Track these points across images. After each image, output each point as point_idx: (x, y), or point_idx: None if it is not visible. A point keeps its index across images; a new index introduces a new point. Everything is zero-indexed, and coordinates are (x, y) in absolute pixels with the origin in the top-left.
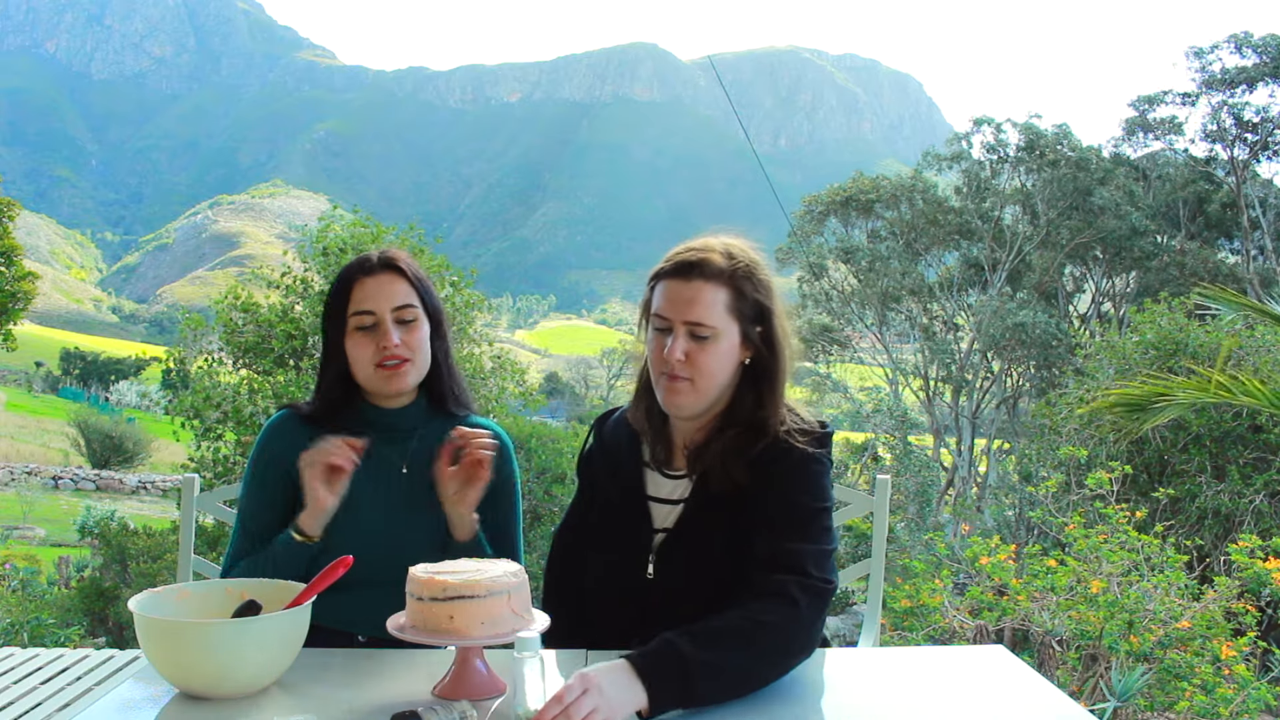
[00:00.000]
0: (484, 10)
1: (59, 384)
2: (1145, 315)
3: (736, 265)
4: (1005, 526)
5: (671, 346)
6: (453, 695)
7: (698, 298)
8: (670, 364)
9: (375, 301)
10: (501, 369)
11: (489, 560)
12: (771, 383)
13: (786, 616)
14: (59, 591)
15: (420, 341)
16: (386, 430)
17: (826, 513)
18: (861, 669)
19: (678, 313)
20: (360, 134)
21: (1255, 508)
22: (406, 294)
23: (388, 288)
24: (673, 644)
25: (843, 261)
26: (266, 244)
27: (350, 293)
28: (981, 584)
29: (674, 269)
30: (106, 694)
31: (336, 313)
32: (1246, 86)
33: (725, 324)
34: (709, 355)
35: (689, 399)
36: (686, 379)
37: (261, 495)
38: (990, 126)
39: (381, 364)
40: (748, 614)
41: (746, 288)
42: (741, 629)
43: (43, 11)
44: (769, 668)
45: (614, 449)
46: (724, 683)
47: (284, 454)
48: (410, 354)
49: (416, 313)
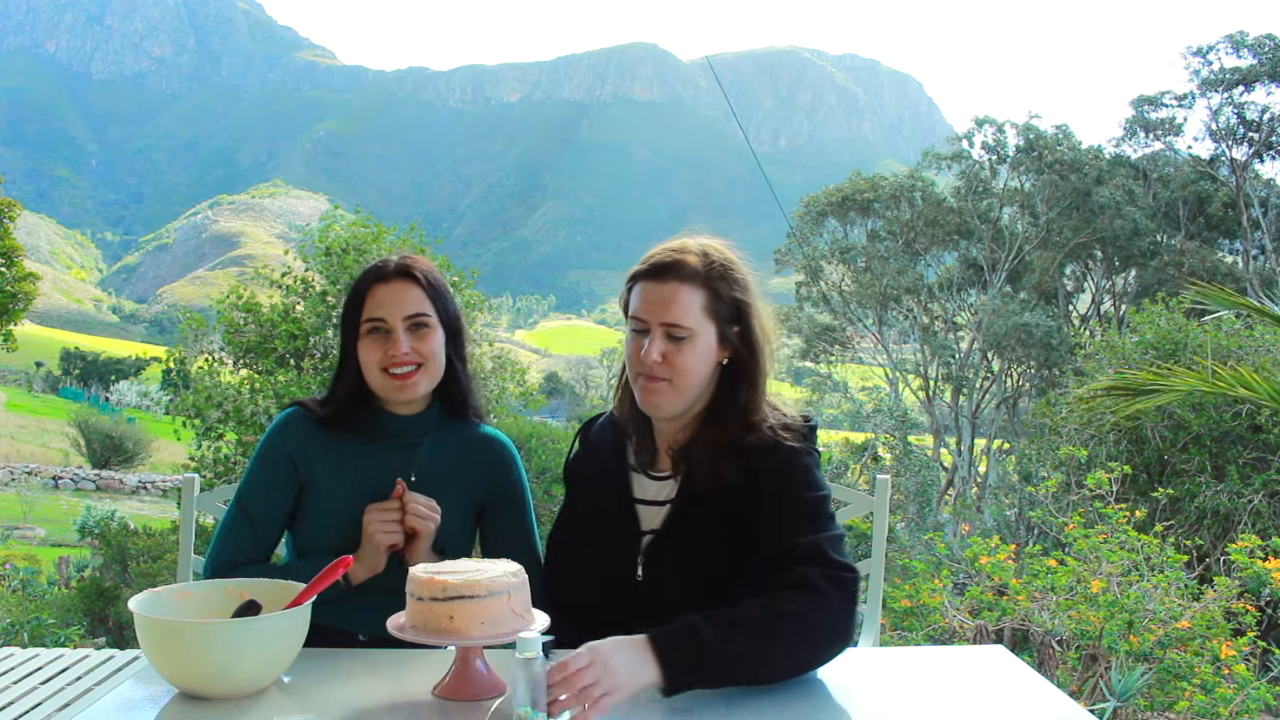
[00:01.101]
0: (484, 10)
1: (59, 384)
2: (1144, 315)
3: (712, 266)
4: (1005, 526)
5: (648, 348)
6: (453, 695)
7: (673, 299)
8: (648, 365)
9: (388, 309)
10: (502, 369)
11: (489, 560)
12: (752, 381)
13: (814, 606)
14: (59, 591)
15: (432, 349)
16: (397, 436)
17: (827, 501)
18: (861, 669)
19: (654, 314)
20: (360, 134)
21: (1254, 508)
22: (419, 302)
23: (401, 295)
24: (693, 626)
25: (840, 261)
26: (266, 244)
27: (365, 299)
28: (981, 584)
29: (649, 270)
30: (106, 694)
31: (351, 319)
32: (1244, 87)
33: (702, 325)
34: (686, 356)
35: (667, 399)
36: (664, 380)
37: (266, 481)
38: (991, 126)
39: (390, 370)
40: (770, 602)
41: (722, 288)
42: (763, 616)
43: (43, 11)
44: (794, 656)
45: (599, 453)
46: (741, 668)
47: (292, 451)
48: (421, 360)
49: (429, 320)
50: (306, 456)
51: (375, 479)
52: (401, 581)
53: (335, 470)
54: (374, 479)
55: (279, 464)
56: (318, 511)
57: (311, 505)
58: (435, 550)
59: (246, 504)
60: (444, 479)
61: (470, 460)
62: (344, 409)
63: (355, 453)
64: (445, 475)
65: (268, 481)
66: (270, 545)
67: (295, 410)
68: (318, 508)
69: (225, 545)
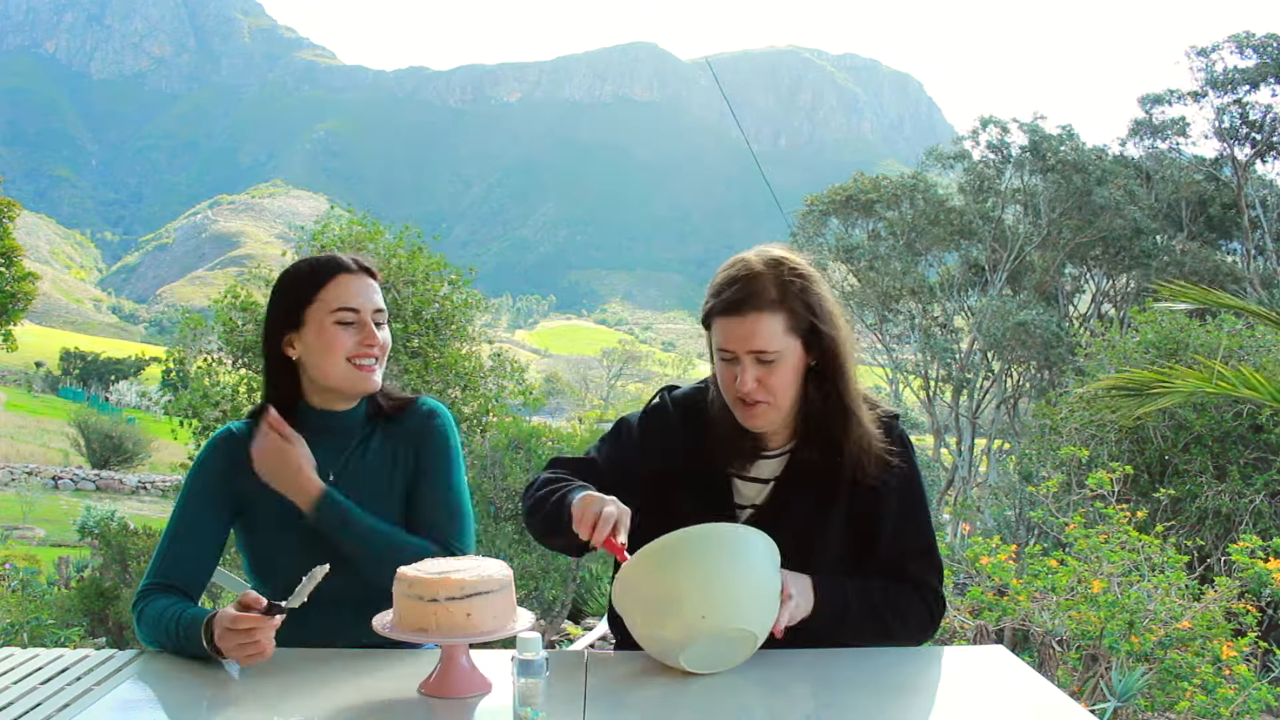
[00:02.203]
0: (484, 10)
1: (59, 384)
2: (1146, 315)
3: (784, 285)
4: (1005, 526)
5: (742, 378)
6: (440, 693)
7: (756, 330)
8: (745, 392)
9: (359, 300)
10: (501, 368)
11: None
12: (843, 374)
13: (916, 627)
14: (59, 591)
15: (388, 346)
16: (322, 433)
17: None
18: (862, 668)
19: (741, 346)
20: (360, 134)
21: (1256, 508)
22: (381, 298)
23: (368, 288)
24: (844, 589)
25: (843, 261)
26: (266, 244)
27: (325, 287)
28: (982, 584)
29: (725, 307)
30: (106, 694)
31: (300, 308)
32: (1249, 86)
33: (787, 344)
34: (778, 376)
35: (769, 417)
36: (763, 401)
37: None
38: (996, 126)
39: (355, 359)
40: (894, 597)
41: (798, 305)
42: (883, 606)
43: (43, 11)
44: (880, 642)
45: (692, 420)
46: (848, 633)
47: (224, 469)
48: (383, 353)
49: (385, 318)
50: (241, 472)
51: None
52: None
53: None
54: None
55: (210, 484)
56: (260, 522)
57: (254, 520)
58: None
59: (180, 527)
60: (373, 477)
61: (393, 453)
62: (286, 408)
63: None
64: (375, 473)
65: (200, 503)
66: (205, 567)
67: (225, 430)
68: (260, 519)
69: (159, 567)
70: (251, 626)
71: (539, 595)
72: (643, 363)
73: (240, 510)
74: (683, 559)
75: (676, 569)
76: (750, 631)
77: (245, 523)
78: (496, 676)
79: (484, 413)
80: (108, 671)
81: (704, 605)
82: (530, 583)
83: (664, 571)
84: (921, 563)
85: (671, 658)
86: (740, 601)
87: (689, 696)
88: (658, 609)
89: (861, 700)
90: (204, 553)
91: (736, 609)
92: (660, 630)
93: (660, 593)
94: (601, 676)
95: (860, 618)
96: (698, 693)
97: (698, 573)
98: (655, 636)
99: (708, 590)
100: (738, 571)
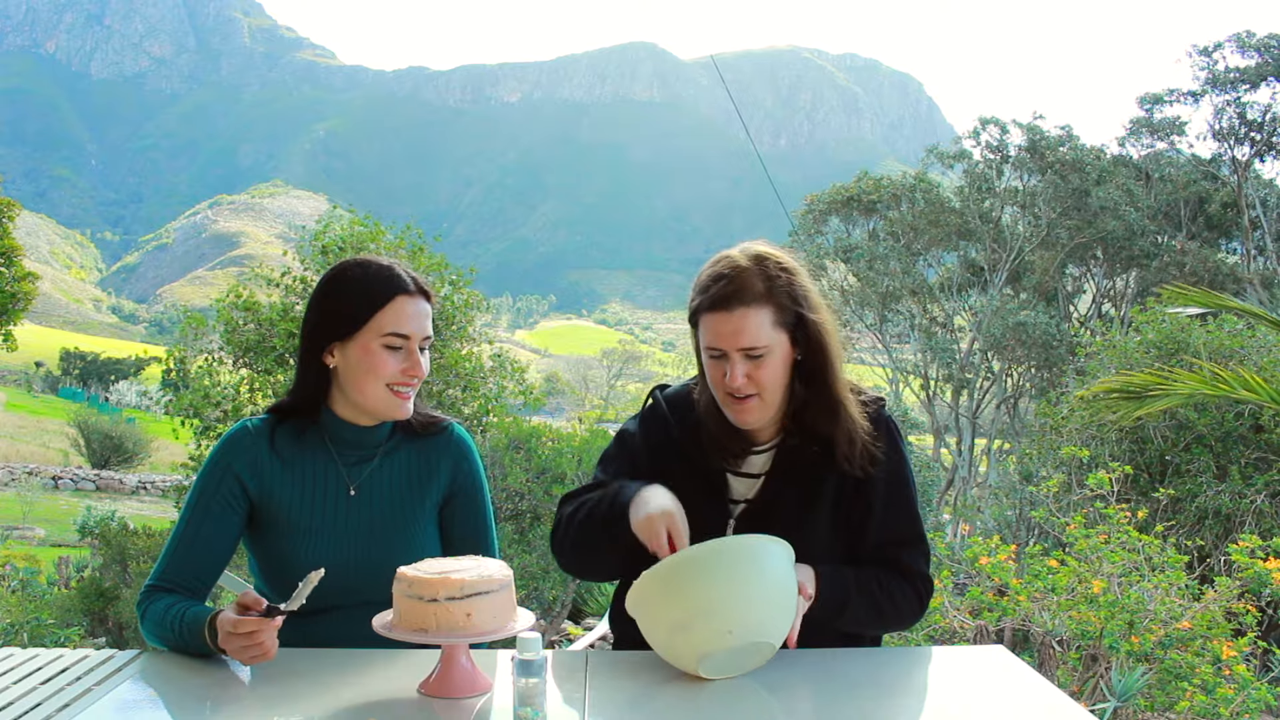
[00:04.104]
0: (484, 10)
1: (59, 384)
2: (1147, 315)
3: (770, 279)
4: (1005, 526)
5: (732, 373)
6: (440, 693)
7: (744, 326)
8: (735, 388)
9: (414, 326)
10: (501, 368)
11: (451, 559)
12: (830, 369)
13: (909, 607)
14: (59, 592)
15: (427, 372)
16: (345, 446)
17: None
18: (862, 668)
19: (730, 343)
20: (360, 134)
21: (1256, 508)
22: (430, 325)
23: (423, 314)
24: (845, 580)
25: (842, 261)
26: (266, 244)
27: (383, 309)
28: (982, 584)
29: (712, 303)
30: (106, 694)
31: (354, 323)
32: (1250, 86)
33: (774, 338)
34: (767, 370)
35: (759, 413)
36: (753, 395)
37: (211, 501)
38: (995, 126)
39: (395, 385)
40: (889, 585)
41: (784, 298)
42: (881, 595)
43: (43, 11)
44: (873, 628)
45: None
46: (847, 621)
47: (240, 470)
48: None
49: (430, 343)
50: (257, 474)
51: (317, 490)
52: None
53: (289, 482)
54: (316, 490)
55: (225, 482)
56: (275, 526)
57: (268, 522)
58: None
59: (190, 525)
60: (399, 490)
61: (425, 468)
62: (308, 416)
63: (301, 462)
64: (401, 487)
65: (213, 501)
66: (214, 567)
67: (242, 427)
68: (275, 523)
69: (167, 565)
70: (253, 629)
71: (539, 595)
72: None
73: (253, 511)
74: (709, 573)
75: (703, 583)
76: (771, 643)
77: (257, 523)
78: (496, 676)
79: (484, 413)
80: (108, 671)
81: (731, 620)
82: (530, 583)
83: (690, 586)
84: (910, 549)
85: (689, 665)
86: (765, 615)
87: (689, 696)
88: (681, 622)
89: (862, 700)
90: (214, 553)
91: (762, 623)
92: (683, 642)
93: (685, 606)
94: (601, 676)
95: (859, 607)
96: (698, 693)
97: (724, 588)
98: (675, 646)
99: (734, 605)
100: (763, 585)
